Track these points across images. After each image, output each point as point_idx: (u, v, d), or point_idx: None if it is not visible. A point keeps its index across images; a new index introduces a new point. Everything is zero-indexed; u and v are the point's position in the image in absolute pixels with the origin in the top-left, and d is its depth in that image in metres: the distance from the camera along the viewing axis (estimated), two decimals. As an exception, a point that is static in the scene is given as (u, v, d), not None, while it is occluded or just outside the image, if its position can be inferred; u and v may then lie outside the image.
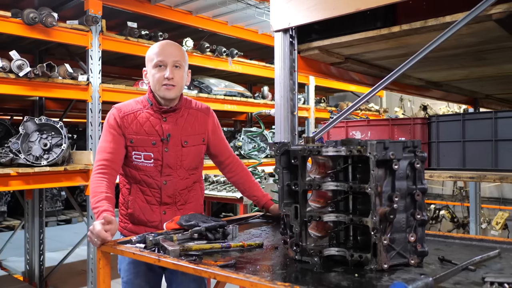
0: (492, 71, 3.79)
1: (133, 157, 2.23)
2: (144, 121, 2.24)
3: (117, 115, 2.24)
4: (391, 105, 9.42)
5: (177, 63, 2.22)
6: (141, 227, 2.26)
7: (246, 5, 4.82)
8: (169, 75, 2.18)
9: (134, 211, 2.27)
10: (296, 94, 2.86)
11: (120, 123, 2.22)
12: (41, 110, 5.33)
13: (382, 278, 1.41)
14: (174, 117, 2.28)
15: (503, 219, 7.40)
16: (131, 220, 2.30)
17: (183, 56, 2.27)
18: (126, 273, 2.28)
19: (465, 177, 2.57)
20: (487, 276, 1.37)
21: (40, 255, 5.38)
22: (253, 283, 1.38)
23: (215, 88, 5.62)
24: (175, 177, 2.26)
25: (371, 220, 1.49)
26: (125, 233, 2.31)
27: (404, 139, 1.61)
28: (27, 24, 3.76)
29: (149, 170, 2.23)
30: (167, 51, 2.22)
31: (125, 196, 2.31)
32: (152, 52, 2.24)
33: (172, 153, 2.24)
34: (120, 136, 2.22)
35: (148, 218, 2.26)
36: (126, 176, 2.30)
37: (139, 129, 2.23)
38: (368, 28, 2.60)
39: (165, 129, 2.24)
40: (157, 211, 2.26)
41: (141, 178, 2.25)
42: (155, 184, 2.24)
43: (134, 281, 2.26)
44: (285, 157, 1.71)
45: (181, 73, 2.24)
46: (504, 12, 2.10)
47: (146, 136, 2.22)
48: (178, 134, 2.26)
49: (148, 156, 2.22)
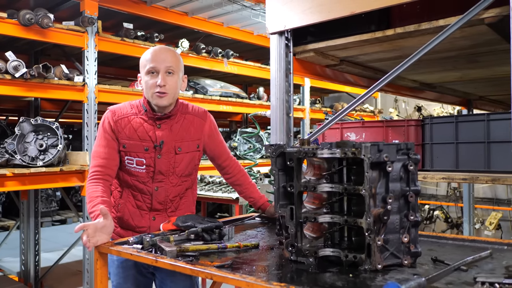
0: (485, 73, 3.83)
1: (125, 162, 2.20)
2: (137, 126, 2.20)
3: (111, 118, 2.21)
4: (386, 106, 9.46)
5: (169, 69, 2.17)
6: (129, 232, 2.23)
7: (241, 6, 4.83)
8: (161, 82, 2.13)
9: (123, 215, 2.24)
10: (292, 96, 2.88)
11: (113, 127, 2.20)
12: (36, 111, 5.32)
13: (376, 278, 1.44)
14: (168, 124, 2.23)
15: (497, 219, 7.46)
16: (119, 224, 2.26)
17: (177, 61, 2.22)
18: (115, 277, 2.26)
19: (458, 178, 2.60)
20: (478, 276, 1.40)
21: (35, 255, 5.37)
22: (249, 283, 1.40)
23: (211, 89, 5.64)
24: (167, 184, 2.22)
25: (365, 221, 1.51)
26: (113, 236, 2.21)
27: (398, 141, 1.64)
28: (23, 25, 3.76)
29: (141, 176, 2.20)
30: (160, 57, 2.17)
31: (116, 199, 2.27)
32: (145, 58, 2.20)
33: (165, 159, 2.20)
34: (113, 141, 2.19)
35: (137, 223, 2.23)
36: (119, 179, 2.27)
37: (132, 134, 2.19)
38: (363, 31, 2.63)
39: (159, 136, 2.20)
40: (146, 217, 2.23)
41: (133, 183, 2.22)
42: (146, 190, 2.21)
43: (123, 285, 2.24)
44: (280, 159, 1.73)
45: (174, 79, 2.19)
46: (496, 16, 2.13)
47: (139, 142, 2.19)
48: (172, 141, 2.22)
49: (140, 161, 2.18)
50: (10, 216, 8.92)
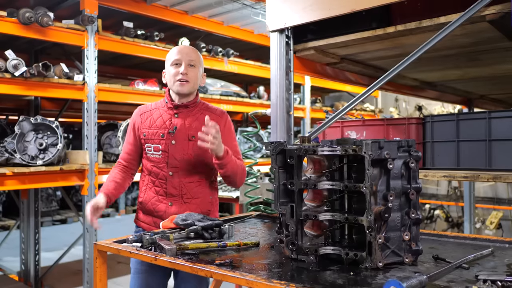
0: (486, 72, 3.82)
1: (146, 149, 2.42)
2: (157, 117, 2.43)
3: (136, 114, 2.49)
4: (386, 105, 9.46)
5: (192, 62, 2.40)
6: (148, 217, 2.40)
7: (242, 5, 4.82)
8: (184, 70, 2.36)
9: (144, 200, 2.42)
10: (292, 94, 2.87)
11: (136, 122, 2.45)
12: (36, 110, 5.31)
13: (377, 276, 1.43)
14: (185, 114, 2.41)
15: (497, 218, 7.46)
16: (142, 209, 2.44)
17: (198, 58, 2.46)
18: (135, 263, 2.38)
19: (459, 176, 2.58)
20: (480, 274, 1.39)
21: (36, 255, 5.36)
22: (250, 281, 1.39)
23: (211, 88, 5.63)
24: (181, 170, 2.35)
25: (366, 219, 1.50)
26: (137, 223, 2.46)
27: (399, 138, 1.63)
28: (23, 24, 3.75)
29: (157, 161, 2.38)
30: (184, 51, 2.42)
31: (141, 186, 2.47)
32: (171, 53, 2.44)
33: (179, 146, 2.36)
34: (136, 137, 2.45)
35: (155, 207, 2.38)
36: (144, 167, 2.47)
37: (152, 123, 2.42)
38: (364, 28, 2.62)
39: (174, 123, 2.39)
40: (163, 202, 2.36)
41: (152, 169, 2.40)
42: (162, 175, 2.37)
43: (141, 272, 2.36)
44: (281, 157, 1.72)
45: (196, 71, 2.41)
46: (497, 13, 2.12)
47: (156, 130, 2.40)
48: (186, 129, 2.38)
49: (156, 148, 2.38)
50: (10, 216, 8.91)
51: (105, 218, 9.99)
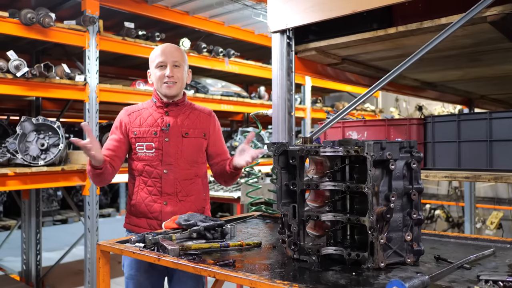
0: (486, 72, 3.83)
1: (136, 149, 2.39)
2: (147, 116, 2.43)
3: (123, 114, 2.46)
4: (387, 105, 9.46)
5: (176, 63, 2.40)
6: (142, 220, 2.37)
7: (243, 5, 4.82)
8: (169, 73, 2.36)
9: (136, 202, 2.38)
10: (293, 95, 2.88)
11: (124, 120, 2.42)
12: (38, 110, 5.32)
13: (379, 277, 1.44)
14: (176, 112, 2.43)
15: (498, 218, 7.46)
16: (134, 213, 2.40)
17: (182, 56, 2.45)
18: (128, 268, 2.36)
19: (460, 177, 2.59)
20: (482, 274, 1.40)
21: (37, 255, 5.37)
22: (253, 282, 1.40)
23: (212, 88, 5.63)
24: (176, 167, 2.36)
25: (368, 219, 1.51)
26: (128, 227, 2.43)
27: (400, 139, 1.64)
28: (25, 24, 3.76)
29: (150, 159, 2.37)
30: (167, 52, 2.41)
31: (130, 191, 2.44)
32: (154, 54, 2.43)
33: (173, 143, 2.37)
34: (122, 136, 2.41)
35: (149, 208, 2.35)
36: (132, 171, 2.43)
37: (142, 122, 2.41)
38: (365, 29, 2.62)
39: (166, 121, 2.40)
40: (158, 202, 2.35)
41: (144, 169, 2.37)
42: (156, 174, 2.36)
43: (135, 277, 2.34)
44: (283, 157, 1.72)
45: (181, 71, 2.41)
46: (498, 14, 2.13)
47: (148, 128, 2.39)
48: (179, 126, 2.40)
49: (149, 146, 2.37)
50: (12, 216, 8.92)
51: (106, 218, 10.00)
